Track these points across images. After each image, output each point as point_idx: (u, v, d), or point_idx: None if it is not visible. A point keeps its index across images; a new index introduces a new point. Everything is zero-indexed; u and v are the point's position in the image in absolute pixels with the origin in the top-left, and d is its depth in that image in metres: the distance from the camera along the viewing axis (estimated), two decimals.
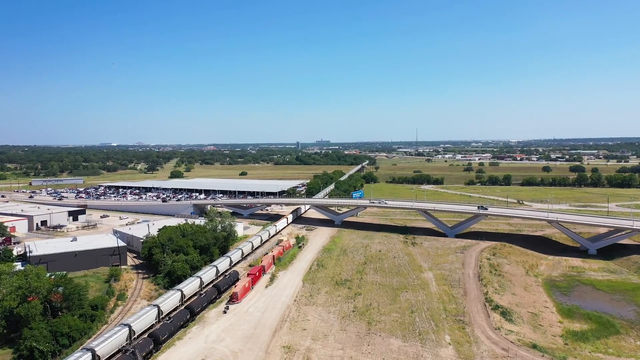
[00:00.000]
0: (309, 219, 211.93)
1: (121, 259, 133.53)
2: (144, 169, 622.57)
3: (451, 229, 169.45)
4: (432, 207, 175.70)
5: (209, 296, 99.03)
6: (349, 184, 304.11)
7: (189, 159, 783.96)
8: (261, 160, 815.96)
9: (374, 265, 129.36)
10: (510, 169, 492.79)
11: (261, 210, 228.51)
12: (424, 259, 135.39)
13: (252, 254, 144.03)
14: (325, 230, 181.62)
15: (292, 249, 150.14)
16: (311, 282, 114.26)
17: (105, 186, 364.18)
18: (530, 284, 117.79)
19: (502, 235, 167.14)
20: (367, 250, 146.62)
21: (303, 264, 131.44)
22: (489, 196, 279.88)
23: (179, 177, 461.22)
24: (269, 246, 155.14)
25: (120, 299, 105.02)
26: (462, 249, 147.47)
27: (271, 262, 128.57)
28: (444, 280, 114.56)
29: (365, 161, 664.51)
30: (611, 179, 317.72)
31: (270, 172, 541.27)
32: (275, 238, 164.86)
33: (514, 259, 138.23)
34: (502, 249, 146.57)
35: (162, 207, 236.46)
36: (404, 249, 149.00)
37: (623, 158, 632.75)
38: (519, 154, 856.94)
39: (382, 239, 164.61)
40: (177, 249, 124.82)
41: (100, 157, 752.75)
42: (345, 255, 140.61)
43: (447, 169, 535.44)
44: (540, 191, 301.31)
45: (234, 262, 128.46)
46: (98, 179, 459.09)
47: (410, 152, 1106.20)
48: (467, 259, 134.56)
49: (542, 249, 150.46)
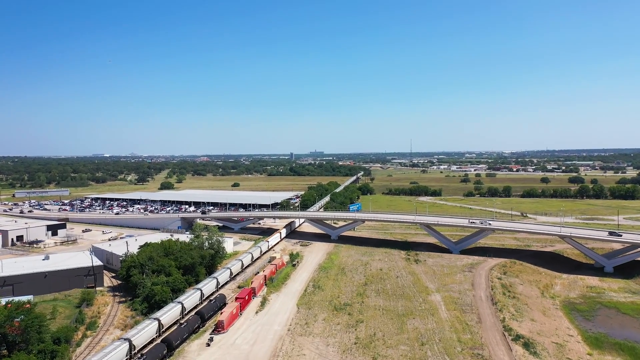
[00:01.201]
0: (304, 233, 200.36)
1: (97, 280, 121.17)
2: (134, 180, 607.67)
3: (456, 245, 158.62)
4: (435, 221, 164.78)
5: (191, 325, 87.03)
6: (345, 196, 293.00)
7: (180, 169, 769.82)
8: (254, 171, 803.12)
9: (376, 286, 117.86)
10: (508, 180, 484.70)
11: (253, 224, 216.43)
12: (429, 279, 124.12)
13: (242, 273, 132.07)
14: (321, 246, 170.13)
15: (286, 267, 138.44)
16: (307, 307, 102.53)
17: (91, 198, 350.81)
18: (548, 307, 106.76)
19: (510, 252, 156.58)
20: (367, 269, 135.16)
21: (297, 285, 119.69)
22: (490, 208, 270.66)
23: (169, 188, 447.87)
24: (260, 264, 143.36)
25: (90, 328, 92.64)
26: (470, 266, 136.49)
27: (262, 283, 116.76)
28: (454, 304, 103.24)
29: (360, 172, 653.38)
30: (614, 191, 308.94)
31: (264, 184, 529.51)
32: (268, 255, 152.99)
33: (527, 278, 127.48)
34: (512, 267, 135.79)
35: (148, 220, 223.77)
36: (407, 267, 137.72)
37: (620, 169, 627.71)
38: (514, 164, 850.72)
39: (383, 255, 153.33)
40: (159, 269, 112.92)
41: (89, 168, 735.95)
42: (343, 275, 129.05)
43: (444, 180, 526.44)
44: (542, 203, 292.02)
45: (222, 283, 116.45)
46: (86, 191, 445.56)
47: (405, 163, 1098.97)
48: (476, 279, 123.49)
49: (555, 266, 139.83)
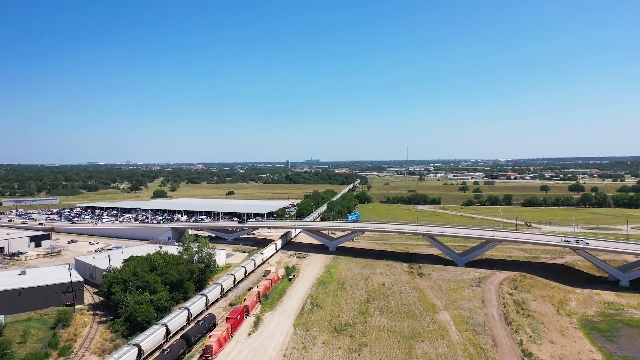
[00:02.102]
0: (300, 244, 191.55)
1: (76, 297, 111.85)
2: (126, 189, 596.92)
3: (460, 257, 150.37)
4: (439, 232, 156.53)
5: (176, 351, 77.96)
6: (343, 205, 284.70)
7: (174, 178, 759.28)
8: (250, 179, 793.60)
9: (379, 303, 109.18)
10: (507, 188, 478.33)
11: (247, 234, 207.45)
12: (435, 295, 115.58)
13: (235, 289, 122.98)
14: (318, 258, 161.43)
15: (281, 281, 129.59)
16: (304, 328, 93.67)
17: (81, 207, 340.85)
18: (565, 326, 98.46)
19: (518, 264, 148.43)
20: (368, 284, 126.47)
21: (294, 302, 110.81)
22: (492, 217, 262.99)
23: (162, 197, 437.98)
24: (254, 278, 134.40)
25: (63, 353, 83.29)
26: (478, 281, 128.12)
27: (256, 301, 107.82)
28: (465, 324, 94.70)
29: (356, 180, 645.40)
30: (617, 199, 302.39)
31: (259, 192, 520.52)
32: (262, 268, 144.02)
33: (539, 293, 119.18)
34: (523, 281, 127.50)
35: (138, 230, 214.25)
36: (411, 281, 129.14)
37: (618, 177, 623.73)
38: (511, 172, 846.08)
39: (384, 268, 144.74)
40: (143, 286, 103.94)
41: (82, 176, 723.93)
42: (343, 290, 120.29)
43: (442, 188, 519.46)
44: (545, 212, 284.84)
45: (212, 300, 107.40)
46: (77, 199, 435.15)
47: (402, 171, 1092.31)
48: (486, 295, 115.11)
49: (567, 280, 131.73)
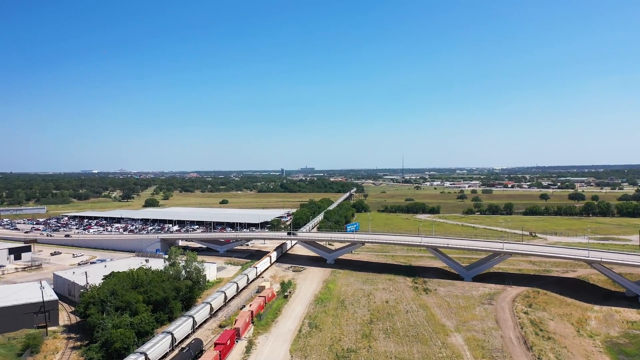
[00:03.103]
0: (296, 256, 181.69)
1: (50, 318, 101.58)
2: (118, 197, 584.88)
3: (467, 271, 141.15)
4: (444, 244, 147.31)
5: None
6: (340, 214, 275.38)
7: (168, 186, 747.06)
8: (244, 188, 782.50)
9: (383, 324, 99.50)
10: (506, 196, 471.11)
11: (240, 245, 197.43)
12: (444, 314, 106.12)
13: (226, 307, 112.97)
14: (316, 272, 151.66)
15: (276, 299, 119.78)
16: (302, 354, 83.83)
17: (69, 216, 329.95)
18: (590, 350, 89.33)
19: (529, 278, 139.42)
20: (370, 301, 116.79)
21: (290, 324, 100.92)
22: (494, 227, 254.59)
23: (153, 205, 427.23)
24: (247, 295, 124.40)
25: None
26: (489, 297, 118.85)
27: (248, 322, 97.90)
28: (480, 349, 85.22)
29: (352, 188, 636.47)
30: (621, 208, 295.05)
31: (253, 200, 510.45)
32: (255, 284, 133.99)
33: (555, 311, 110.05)
34: (537, 298, 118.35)
35: (124, 242, 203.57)
36: (416, 298, 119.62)
37: (616, 185, 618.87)
38: (507, 181, 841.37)
39: (387, 283, 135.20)
40: (123, 306, 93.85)
41: (73, 185, 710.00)
42: (344, 309, 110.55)
43: (440, 197, 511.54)
44: (547, 221, 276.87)
45: (199, 322, 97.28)
46: (66, 208, 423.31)
47: (397, 179, 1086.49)
48: (499, 313, 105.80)
49: (583, 295, 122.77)
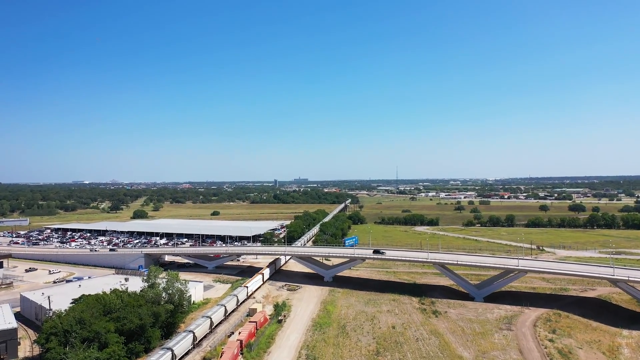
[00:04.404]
0: (291, 273, 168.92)
1: (8, 349, 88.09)
2: (107, 209, 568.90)
3: (478, 290, 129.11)
4: (453, 261, 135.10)
5: None
6: (336, 227, 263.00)
7: (158, 197, 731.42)
8: (237, 199, 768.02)
9: (392, 355, 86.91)
10: (505, 208, 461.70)
11: (231, 260, 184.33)
12: (460, 342, 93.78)
13: (212, 335, 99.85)
14: (312, 291, 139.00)
15: (269, 323, 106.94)
16: None
17: (52, 228, 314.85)
18: None
19: (546, 298, 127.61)
20: (375, 326, 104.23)
21: (285, 355, 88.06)
22: (498, 240, 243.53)
23: (142, 217, 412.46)
24: (236, 319, 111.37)
25: None
26: (506, 322, 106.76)
27: (237, 354, 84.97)
28: None
29: (347, 199, 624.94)
30: (627, 220, 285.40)
31: (246, 212, 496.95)
32: (246, 306, 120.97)
33: (582, 337, 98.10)
34: (559, 322, 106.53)
35: (106, 257, 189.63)
36: (426, 322, 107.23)
37: (614, 197, 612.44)
38: (503, 192, 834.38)
39: (391, 304, 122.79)
40: (91, 337, 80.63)
41: (61, 195, 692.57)
42: (345, 336, 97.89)
43: (437, 208, 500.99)
44: (552, 233, 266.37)
45: (179, 356, 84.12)
46: (52, 220, 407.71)
47: (392, 190, 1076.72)
48: (522, 341, 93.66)
49: (608, 318, 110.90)
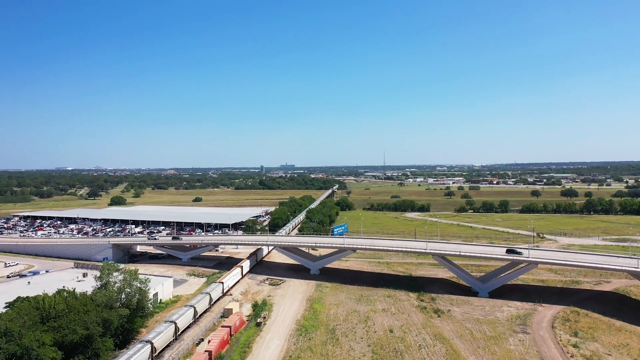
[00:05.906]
0: (274, 265, 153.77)
1: None
2: (85, 195, 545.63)
3: (482, 283, 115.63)
4: (455, 251, 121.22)
5: None
6: (323, 213, 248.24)
7: (140, 183, 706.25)
8: (221, 185, 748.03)
9: None
10: (495, 193, 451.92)
11: (209, 251, 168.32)
12: (470, 350, 79.79)
13: (177, 343, 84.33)
14: (297, 286, 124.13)
15: (246, 327, 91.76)
16: None
17: (20, 216, 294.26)
18: None
19: (558, 293, 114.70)
20: (369, 330, 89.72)
21: None
22: (493, 227, 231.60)
23: (120, 204, 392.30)
24: (208, 321, 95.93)
25: None
26: (519, 321, 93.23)
27: None
28: None
29: (334, 185, 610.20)
30: (625, 205, 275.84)
31: (230, 198, 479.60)
32: (221, 305, 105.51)
33: (608, 340, 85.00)
34: (578, 321, 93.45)
35: (69, 248, 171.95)
36: (427, 323, 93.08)
37: (603, 182, 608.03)
38: (491, 177, 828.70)
39: (386, 301, 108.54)
40: (20, 353, 64.58)
41: (37, 182, 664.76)
42: (335, 343, 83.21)
43: (426, 194, 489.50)
44: (549, 219, 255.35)
45: None
46: (24, 207, 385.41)
47: (379, 176, 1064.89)
48: (542, 348, 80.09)
49: (630, 316, 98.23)
